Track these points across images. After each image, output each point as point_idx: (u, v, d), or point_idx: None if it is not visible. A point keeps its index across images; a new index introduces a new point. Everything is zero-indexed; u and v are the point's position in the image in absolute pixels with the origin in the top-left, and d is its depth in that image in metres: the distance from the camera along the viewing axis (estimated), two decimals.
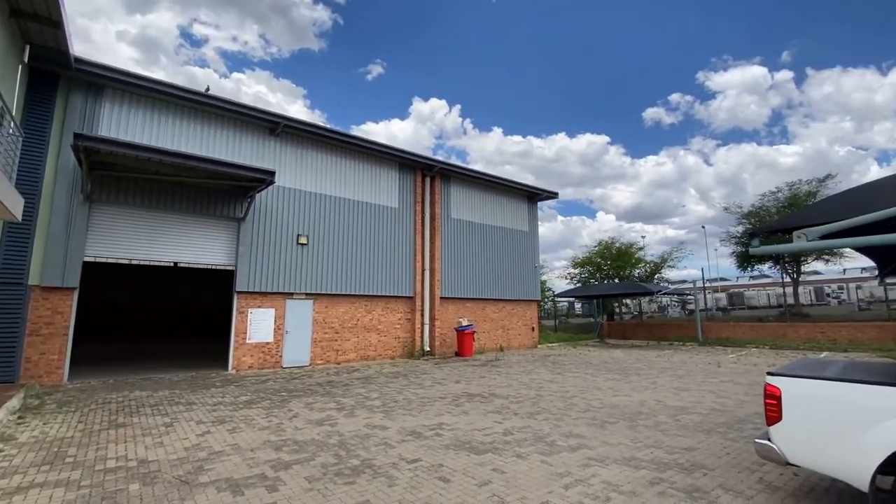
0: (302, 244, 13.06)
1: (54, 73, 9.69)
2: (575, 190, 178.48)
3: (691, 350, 17.71)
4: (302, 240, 13.05)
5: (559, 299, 31.18)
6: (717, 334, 20.81)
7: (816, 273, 35.52)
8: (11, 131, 6.86)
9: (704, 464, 4.73)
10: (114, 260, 10.72)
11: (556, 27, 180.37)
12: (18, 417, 6.58)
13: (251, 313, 11.98)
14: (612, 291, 23.88)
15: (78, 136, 8.21)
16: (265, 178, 10.68)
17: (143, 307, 26.31)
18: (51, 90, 9.73)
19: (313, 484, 4.22)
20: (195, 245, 11.48)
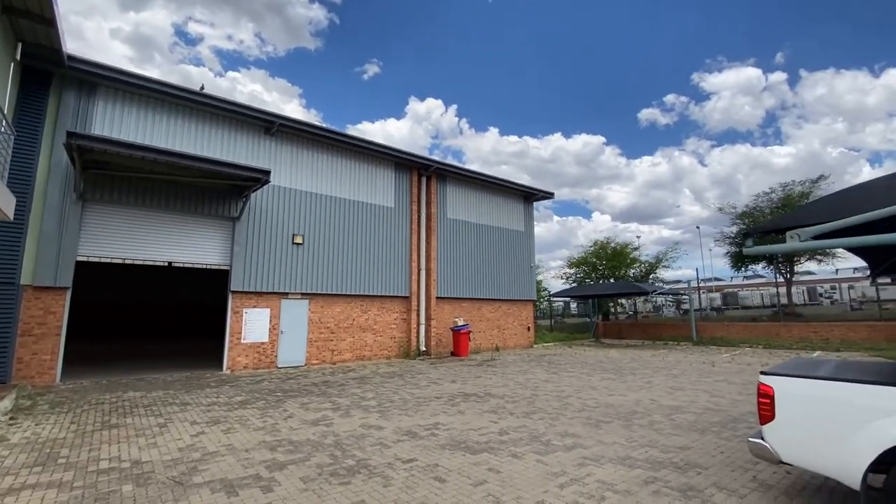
0: (297, 244, 13.02)
1: (47, 71, 9.61)
2: (571, 190, 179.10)
3: (686, 350, 17.81)
4: (297, 239, 13.01)
5: (555, 299, 31.29)
6: (712, 334, 20.94)
7: (809, 273, 35.86)
8: (3, 129, 6.79)
9: (699, 463, 4.76)
10: (107, 260, 10.63)
11: (552, 27, 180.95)
12: (10, 418, 6.52)
13: (246, 313, 11.93)
14: (608, 291, 23.99)
15: (71, 135, 8.14)
16: (260, 178, 10.64)
17: (143, 307, 26.27)
18: (43, 88, 9.65)
19: (308, 484, 4.21)
20: (190, 245, 11.42)
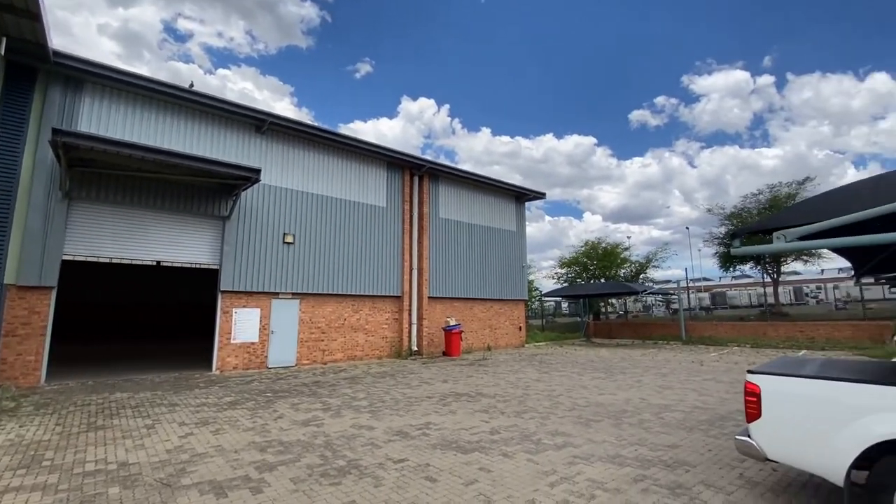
0: (288, 243, 12.93)
1: (32, 67, 9.43)
2: (562, 190, 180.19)
3: (675, 349, 17.99)
4: (288, 239, 12.92)
5: (546, 299, 31.42)
6: (700, 333, 21.18)
7: (796, 273, 36.38)
8: None
9: (687, 460, 4.81)
10: (94, 259, 10.48)
11: (545, 28, 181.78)
12: None
13: (236, 313, 11.82)
14: (598, 291, 24.15)
15: (56, 132, 8.00)
16: (250, 176, 10.54)
17: (136, 307, 25.91)
18: (28, 84, 9.47)
19: (298, 485, 4.18)
20: (179, 244, 11.28)
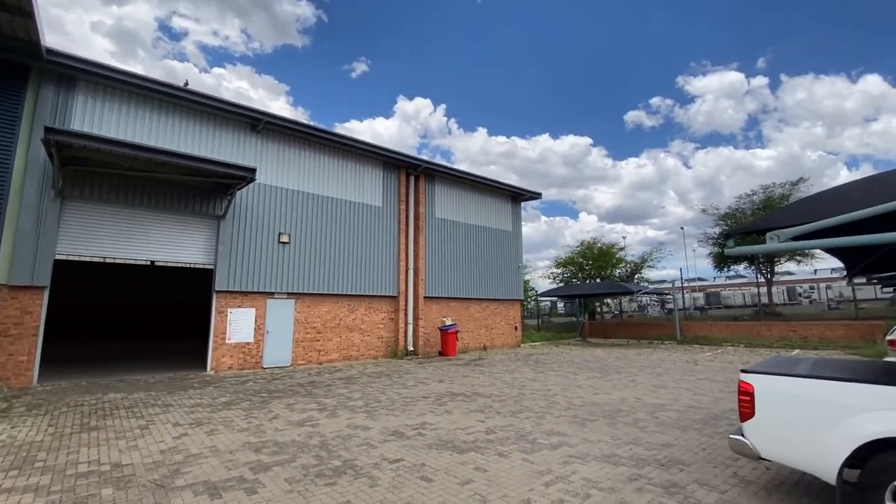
0: (283, 243, 12.88)
1: (25, 65, 9.34)
2: (558, 191, 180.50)
3: (670, 348, 18.08)
4: (283, 238, 12.87)
5: (542, 299, 31.50)
6: (695, 333, 21.30)
7: (789, 273, 36.69)
8: None
9: (681, 459, 4.84)
10: (87, 258, 10.41)
11: (541, 29, 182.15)
12: None
13: (231, 313, 11.76)
14: (594, 291, 24.23)
15: (49, 130, 7.93)
16: (245, 176, 10.50)
17: (135, 307, 25.62)
18: (21, 82, 9.38)
19: (294, 486, 4.17)
20: (173, 243, 11.21)
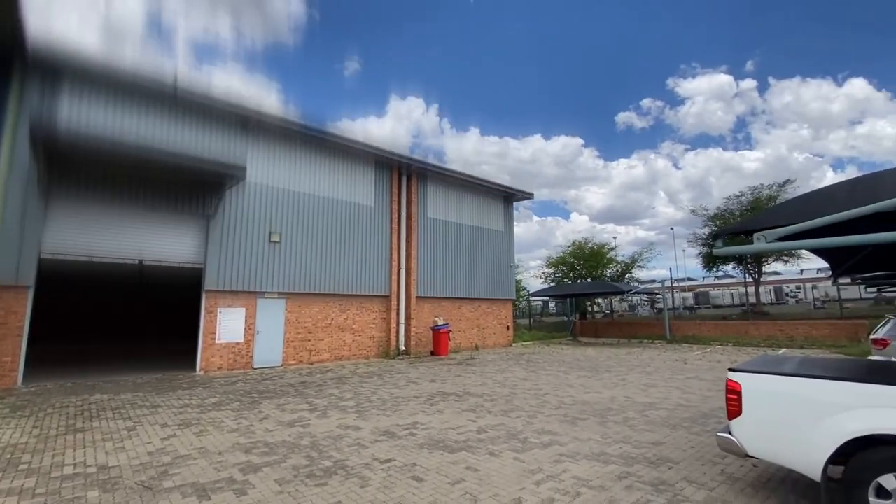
0: (274, 242, 12.78)
1: (9, 59, 9.13)
2: (550, 191, 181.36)
3: (660, 348, 18.26)
4: (274, 237, 12.77)
5: (534, 298, 31.60)
6: (684, 332, 21.53)
7: (776, 274, 37.26)
8: None
9: (670, 457, 4.89)
10: (73, 257, 10.22)
11: (533, 30, 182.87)
12: None
13: (221, 313, 11.65)
14: (585, 291, 24.40)
15: (34, 126, 7.80)
16: (235, 174, 10.42)
17: (126, 307, 24.71)
18: (5, 77, 9.15)
19: (284, 486, 4.14)
20: (162, 242, 11.09)
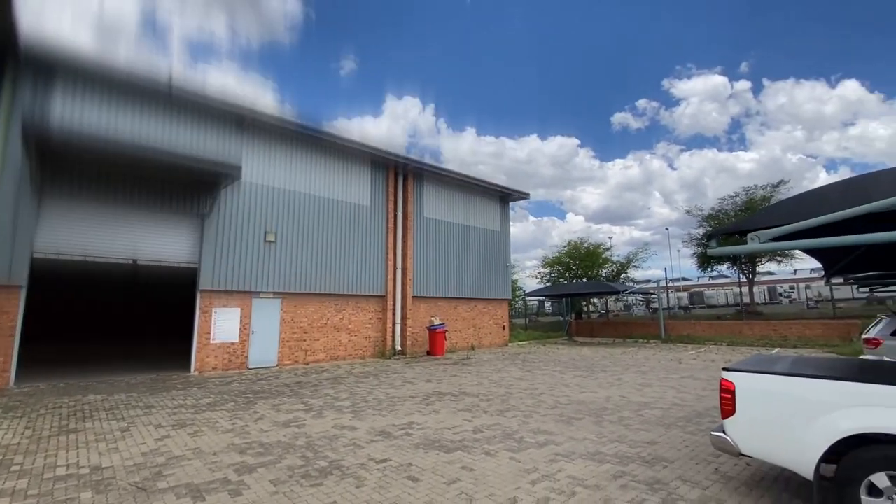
0: (270, 242, 12.73)
1: (1, 57, 9.04)
2: (546, 191, 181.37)
3: (655, 347, 18.34)
4: (269, 237, 12.72)
5: (530, 298, 31.67)
6: (679, 332, 21.64)
7: (770, 274, 37.47)
8: None
9: (665, 457, 4.91)
10: (67, 256, 10.14)
11: (530, 30, 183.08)
12: None
13: (216, 313, 11.60)
14: (581, 291, 24.46)
15: (26, 124, 7.73)
16: (230, 173, 10.38)
17: (120, 307, 24.52)
18: None
19: (279, 487, 4.13)
20: (156, 241, 11.02)
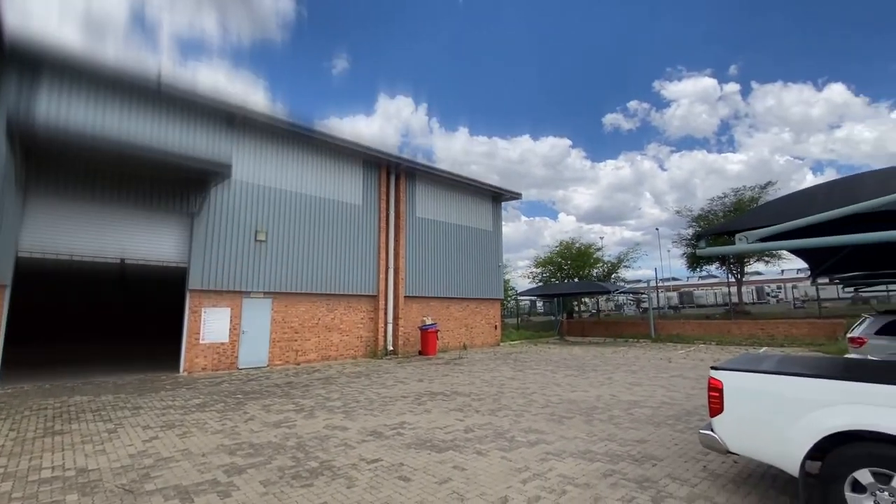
0: (260, 241, 12.63)
1: None
2: (538, 191, 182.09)
3: (645, 346, 18.50)
4: (260, 236, 12.62)
5: (521, 298, 31.75)
6: (669, 331, 21.84)
7: (758, 274, 37.97)
8: None
9: (654, 455, 4.95)
10: (53, 256, 9.96)
11: (523, 30, 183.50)
12: None
13: (205, 312, 11.47)
14: (572, 290, 24.60)
15: (11, 121, 7.58)
16: (220, 171, 10.28)
17: (109, 307, 24.14)
18: None
19: (269, 488, 4.10)
20: (145, 240, 10.87)
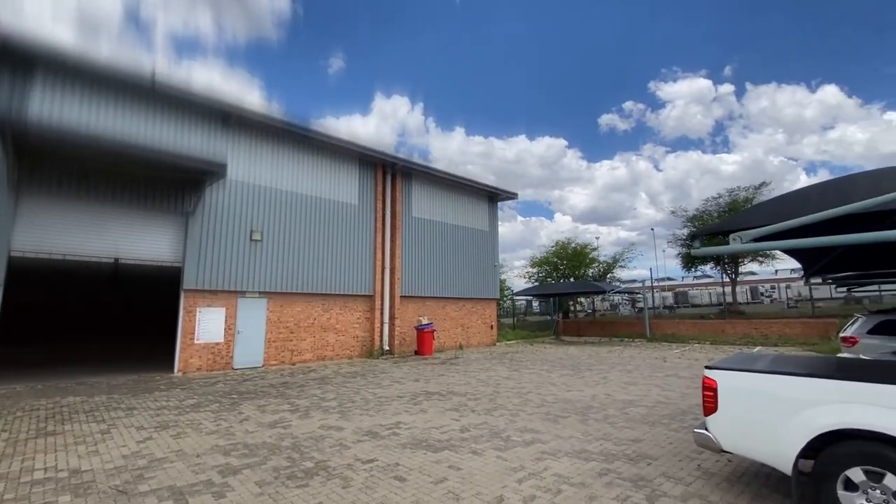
0: (255, 240, 12.58)
1: None
2: (534, 191, 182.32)
3: (640, 346, 18.58)
4: (255, 236, 12.57)
5: (517, 298, 31.83)
6: (664, 331, 21.95)
7: (752, 274, 38.23)
8: None
9: (649, 454, 4.98)
10: (46, 255, 9.88)
11: (519, 30, 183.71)
12: None
13: (200, 312, 11.42)
14: (568, 290, 24.69)
15: (3, 119, 7.51)
16: (215, 171, 10.23)
17: (107, 308, 23.90)
18: None
19: (264, 488, 4.08)
20: (139, 240, 10.81)
